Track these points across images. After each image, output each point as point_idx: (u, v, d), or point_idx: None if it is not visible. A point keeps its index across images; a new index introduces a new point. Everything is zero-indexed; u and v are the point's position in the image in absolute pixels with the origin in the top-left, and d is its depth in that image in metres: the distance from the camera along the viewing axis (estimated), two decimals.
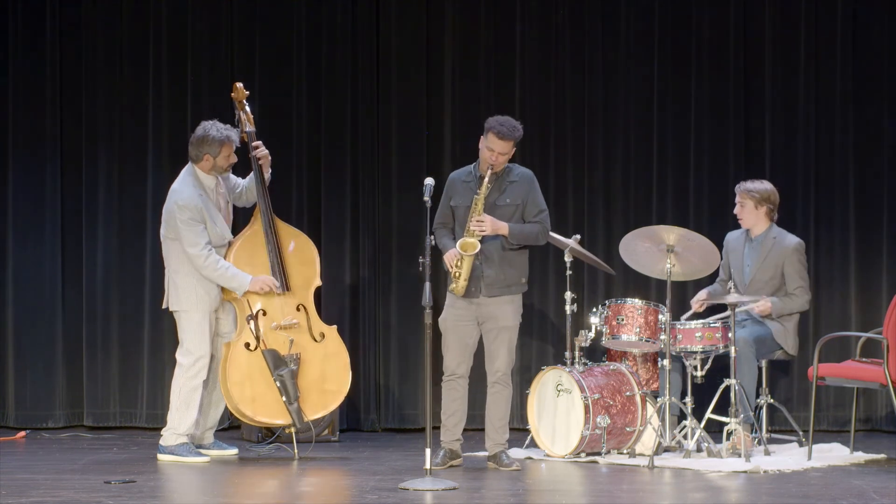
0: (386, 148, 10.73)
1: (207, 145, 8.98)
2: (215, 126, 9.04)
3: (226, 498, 7.77)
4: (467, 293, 8.58)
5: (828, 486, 7.99)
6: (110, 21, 10.73)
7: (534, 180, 8.71)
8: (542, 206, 8.69)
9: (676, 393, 9.23)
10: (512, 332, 8.66)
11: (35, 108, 10.73)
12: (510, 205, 8.62)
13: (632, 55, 10.62)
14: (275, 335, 9.02)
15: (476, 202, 8.54)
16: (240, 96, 9.27)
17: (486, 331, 8.67)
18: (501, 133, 8.50)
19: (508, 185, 8.64)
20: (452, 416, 8.74)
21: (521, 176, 8.69)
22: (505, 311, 8.63)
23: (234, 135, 9.05)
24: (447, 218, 8.74)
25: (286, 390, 8.94)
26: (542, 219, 8.67)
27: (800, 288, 9.47)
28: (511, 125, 8.54)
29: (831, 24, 10.49)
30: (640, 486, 8.14)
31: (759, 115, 10.57)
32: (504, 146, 8.53)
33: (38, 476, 8.31)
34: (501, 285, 8.61)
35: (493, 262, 8.58)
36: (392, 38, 10.73)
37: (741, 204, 9.57)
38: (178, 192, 8.97)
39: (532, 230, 8.63)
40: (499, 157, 8.54)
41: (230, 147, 9.01)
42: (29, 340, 10.70)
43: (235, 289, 8.95)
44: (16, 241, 10.71)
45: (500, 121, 8.56)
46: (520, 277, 8.69)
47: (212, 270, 8.92)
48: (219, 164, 9.02)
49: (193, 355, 8.98)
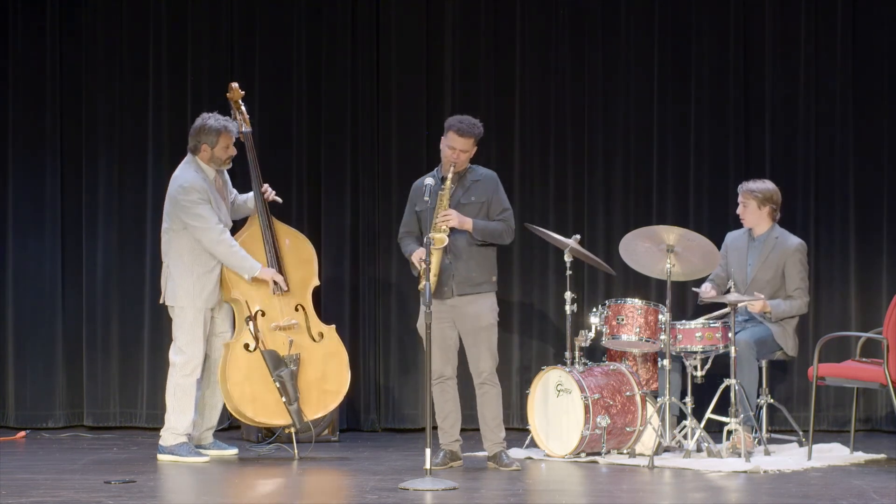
0: (386, 148, 10.73)
1: (205, 134, 8.98)
2: (213, 116, 9.06)
3: (226, 498, 7.77)
4: (439, 293, 8.57)
5: (828, 486, 7.99)
6: (110, 21, 10.73)
7: (497, 180, 8.75)
8: (506, 204, 8.72)
9: (676, 393, 9.22)
10: (490, 331, 8.65)
11: (35, 108, 10.73)
12: (475, 203, 8.64)
13: (632, 55, 10.61)
14: (274, 336, 9.01)
15: (441, 198, 8.55)
16: (235, 96, 9.26)
17: (465, 334, 8.67)
18: (461, 130, 8.54)
19: (472, 183, 8.67)
20: (447, 418, 8.74)
21: (485, 175, 8.73)
22: (479, 311, 8.63)
23: (233, 126, 9.06)
24: (412, 226, 8.76)
25: (286, 391, 8.94)
26: (506, 217, 8.69)
27: (799, 290, 9.46)
28: (470, 122, 8.58)
29: (831, 23, 10.49)
30: (640, 486, 8.14)
31: (759, 115, 10.57)
32: (464, 143, 8.55)
33: (38, 476, 8.31)
34: (472, 283, 8.62)
35: (460, 258, 8.59)
36: (392, 37, 10.73)
37: (744, 204, 9.57)
38: (181, 177, 8.96)
39: (497, 228, 8.65)
40: (460, 154, 8.57)
41: (228, 137, 9.01)
42: (29, 340, 10.69)
43: (246, 270, 8.92)
44: (16, 241, 10.71)
45: (460, 119, 8.61)
46: (489, 276, 8.69)
47: (226, 247, 8.90)
48: (217, 154, 9.01)
49: (186, 354, 8.96)
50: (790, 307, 9.44)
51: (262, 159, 9.35)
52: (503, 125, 10.66)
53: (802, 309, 9.51)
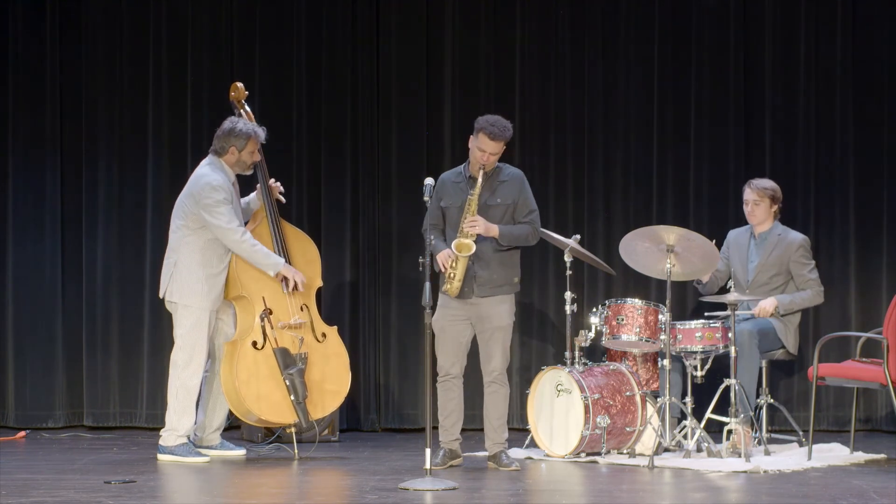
0: (386, 148, 10.73)
1: (235, 138, 8.96)
2: (242, 121, 9.06)
3: (226, 498, 7.77)
4: (461, 294, 8.57)
5: (828, 486, 7.99)
6: (110, 21, 10.73)
7: (524, 180, 8.70)
8: (532, 206, 8.69)
9: (676, 393, 9.23)
10: (506, 331, 8.66)
11: (35, 108, 10.73)
12: (501, 204, 8.61)
13: (632, 55, 10.62)
14: (282, 334, 9.02)
15: (469, 202, 8.52)
16: (239, 96, 9.27)
17: (480, 331, 8.67)
18: (493, 134, 8.47)
19: (499, 184, 8.63)
20: (449, 417, 8.74)
21: (512, 176, 8.68)
22: (499, 311, 8.63)
23: (262, 132, 9.05)
24: (437, 219, 8.70)
25: (295, 389, 8.94)
26: (533, 219, 8.67)
27: (810, 281, 9.48)
28: (502, 125, 8.51)
29: (831, 23, 10.49)
30: (640, 486, 8.13)
31: (760, 115, 10.57)
32: (495, 147, 8.51)
33: (38, 476, 8.31)
34: (494, 285, 8.61)
35: (484, 263, 8.58)
36: (392, 37, 10.73)
37: (755, 202, 9.54)
38: (209, 175, 8.90)
39: (522, 231, 8.63)
40: (490, 157, 8.52)
41: (255, 143, 9.01)
42: (29, 340, 10.70)
43: (271, 267, 8.90)
44: (16, 241, 10.71)
45: (491, 121, 8.51)
46: (512, 277, 8.69)
47: (249, 246, 8.88)
48: (243, 158, 9.00)
49: (187, 353, 8.93)
50: (802, 299, 9.44)
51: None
52: None
53: (816, 299, 9.51)
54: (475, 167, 8.55)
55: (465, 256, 8.46)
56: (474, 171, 8.55)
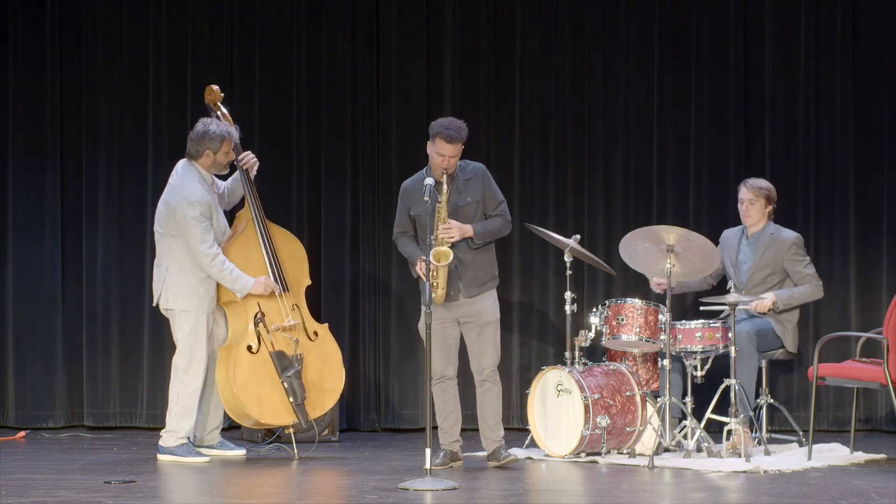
0: (386, 149, 10.73)
1: (209, 140, 8.95)
2: (214, 122, 9.02)
3: (226, 498, 7.77)
4: (447, 298, 8.57)
5: (828, 486, 7.99)
6: (110, 20, 10.73)
7: (486, 172, 8.72)
8: (500, 197, 8.71)
9: (676, 393, 9.23)
10: (494, 326, 8.67)
11: (35, 108, 10.73)
12: (471, 202, 8.63)
13: (631, 55, 10.62)
14: (277, 337, 9.01)
15: (438, 210, 8.52)
16: (215, 98, 9.23)
17: (468, 329, 8.67)
18: (450, 137, 8.48)
19: (465, 183, 8.64)
20: (448, 419, 8.74)
21: (475, 171, 8.69)
22: (487, 307, 8.64)
23: (234, 131, 9.04)
24: (407, 226, 8.72)
25: (293, 390, 8.94)
26: (502, 210, 8.70)
27: (809, 276, 9.48)
28: (457, 126, 8.51)
29: (832, 23, 10.49)
30: (640, 486, 8.13)
31: (759, 115, 10.57)
32: (453, 149, 8.52)
33: (38, 476, 8.31)
34: (479, 283, 8.62)
35: (464, 265, 8.59)
36: (392, 38, 10.73)
37: (751, 202, 9.55)
38: (187, 188, 8.89)
39: (495, 225, 8.65)
40: (450, 160, 8.54)
41: (230, 143, 8.99)
42: (29, 340, 10.70)
43: (239, 290, 8.92)
44: (16, 241, 10.71)
45: (445, 124, 8.52)
46: (493, 271, 8.71)
47: (218, 271, 8.89)
48: (219, 160, 8.99)
49: (188, 357, 8.94)
50: (801, 293, 9.45)
51: (262, 160, 9.34)
52: (503, 125, 10.66)
53: (816, 293, 9.51)
54: (438, 172, 8.54)
55: (445, 265, 8.47)
56: (438, 176, 8.55)
